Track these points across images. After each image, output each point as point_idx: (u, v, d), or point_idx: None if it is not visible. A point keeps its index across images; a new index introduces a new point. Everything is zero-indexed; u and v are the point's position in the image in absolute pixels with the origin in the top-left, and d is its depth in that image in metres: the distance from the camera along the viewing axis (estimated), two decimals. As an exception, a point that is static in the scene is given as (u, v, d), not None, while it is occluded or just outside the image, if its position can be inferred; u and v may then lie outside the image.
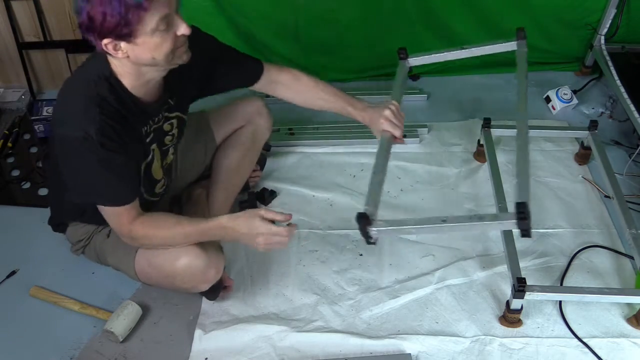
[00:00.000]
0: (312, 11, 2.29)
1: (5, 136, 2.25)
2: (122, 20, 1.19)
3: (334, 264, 1.78)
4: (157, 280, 1.55)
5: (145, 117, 1.42)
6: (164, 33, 1.25)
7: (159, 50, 1.27)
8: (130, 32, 1.22)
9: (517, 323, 1.59)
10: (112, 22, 1.19)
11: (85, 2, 1.19)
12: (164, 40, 1.26)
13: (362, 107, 1.64)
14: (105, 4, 1.18)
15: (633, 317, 1.59)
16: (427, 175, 2.06)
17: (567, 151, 2.14)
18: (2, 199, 2.03)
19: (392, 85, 1.76)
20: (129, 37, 1.23)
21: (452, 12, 2.34)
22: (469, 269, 1.75)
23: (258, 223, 1.39)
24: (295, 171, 2.10)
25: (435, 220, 1.44)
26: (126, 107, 1.34)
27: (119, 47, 1.24)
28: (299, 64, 2.41)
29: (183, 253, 1.45)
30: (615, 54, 2.31)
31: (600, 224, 1.87)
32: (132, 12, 1.19)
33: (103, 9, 1.18)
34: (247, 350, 1.55)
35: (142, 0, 1.19)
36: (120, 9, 1.18)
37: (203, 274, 1.49)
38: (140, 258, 1.52)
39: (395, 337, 1.57)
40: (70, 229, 1.65)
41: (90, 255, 1.66)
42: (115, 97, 1.33)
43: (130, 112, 1.35)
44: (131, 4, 1.18)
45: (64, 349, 1.57)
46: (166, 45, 1.27)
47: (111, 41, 1.23)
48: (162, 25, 1.23)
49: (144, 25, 1.22)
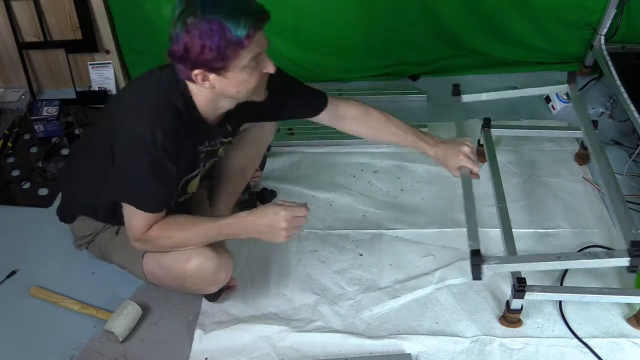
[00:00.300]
0: (312, 11, 2.29)
1: (5, 136, 2.25)
2: (220, 55, 1.23)
3: (334, 264, 1.78)
4: (166, 281, 1.54)
5: (204, 138, 1.45)
6: (252, 70, 1.30)
7: (245, 86, 1.32)
8: (224, 66, 1.25)
9: (517, 323, 1.59)
10: (209, 55, 1.22)
11: (184, 32, 1.21)
12: (251, 76, 1.31)
13: (434, 142, 1.64)
14: (206, 37, 1.20)
15: (633, 317, 1.59)
16: (427, 175, 2.06)
17: (567, 151, 2.14)
18: (2, 199, 2.03)
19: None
20: (221, 71, 1.26)
21: (452, 13, 2.34)
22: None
23: (277, 208, 1.41)
24: (295, 171, 2.10)
25: (550, 257, 1.49)
26: (192, 125, 1.37)
27: (208, 78, 1.28)
28: (299, 64, 2.42)
29: (194, 255, 1.45)
30: (615, 54, 2.31)
31: (600, 224, 1.87)
32: (231, 48, 1.23)
33: (202, 42, 1.21)
34: (247, 350, 1.55)
35: (243, 38, 1.22)
36: (220, 43, 1.21)
37: (214, 276, 1.49)
38: (149, 259, 1.51)
39: (395, 337, 1.57)
40: (78, 222, 1.64)
41: (94, 251, 1.66)
42: (187, 112, 1.35)
43: (194, 130, 1.38)
44: (232, 40, 1.21)
45: (64, 349, 1.57)
46: (252, 81, 1.32)
47: (202, 72, 1.26)
48: (252, 63, 1.28)
49: (238, 61, 1.26)
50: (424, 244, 1.83)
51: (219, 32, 1.21)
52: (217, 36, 1.21)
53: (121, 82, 2.51)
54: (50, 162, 2.16)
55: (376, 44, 2.42)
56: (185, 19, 1.21)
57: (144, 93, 1.37)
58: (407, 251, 1.81)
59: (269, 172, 2.07)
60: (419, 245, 1.83)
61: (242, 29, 1.22)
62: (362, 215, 1.93)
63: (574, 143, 2.16)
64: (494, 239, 1.82)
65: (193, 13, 1.20)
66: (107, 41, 2.40)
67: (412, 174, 2.07)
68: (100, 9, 2.30)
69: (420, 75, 2.54)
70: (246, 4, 1.25)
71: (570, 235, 1.84)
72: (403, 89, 2.46)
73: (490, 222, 1.87)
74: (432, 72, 2.52)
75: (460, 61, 2.51)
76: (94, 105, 2.42)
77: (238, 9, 1.23)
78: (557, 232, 1.85)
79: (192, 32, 1.20)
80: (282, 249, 1.81)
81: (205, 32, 1.20)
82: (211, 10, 1.20)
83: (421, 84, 2.51)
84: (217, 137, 1.49)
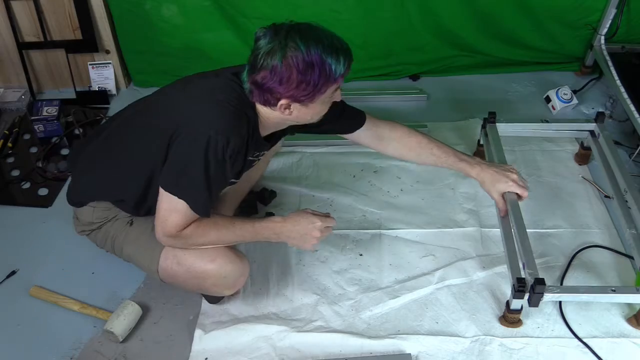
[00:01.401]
0: (312, 11, 2.29)
1: (5, 136, 2.25)
2: (313, 89, 1.26)
3: (334, 264, 1.78)
4: (182, 279, 1.50)
5: (254, 149, 1.46)
6: (329, 100, 1.34)
7: (319, 114, 1.36)
8: (312, 99, 1.28)
9: (517, 323, 1.59)
10: (304, 90, 1.25)
11: (284, 65, 1.22)
12: (327, 106, 1.36)
13: (476, 162, 1.66)
14: (307, 72, 1.23)
15: (633, 317, 1.59)
16: (427, 175, 2.06)
17: (567, 151, 2.14)
18: (2, 199, 2.03)
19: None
20: (307, 102, 1.29)
21: (451, 13, 2.34)
22: (469, 269, 1.75)
23: (313, 218, 1.47)
24: (295, 171, 2.10)
25: (605, 290, 1.53)
26: (253, 138, 1.39)
27: (290, 107, 1.30)
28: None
29: (217, 256, 1.45)
30: (615, 54, 2.32)
31: (600, 224, 1.87)
32: (326, 84, 1.26)
33: (302, 77, 1.23)
34: (247, 350, 1.55)
35: (339, 75, 1.26)
36: (319, 80, 1.24)
37: (234, 279, 1.50)
38: (169, 254, 1.47)
39: (395, 337, 1.57)
40: (88, 208, 1.56)
41: (96, 239, 1.60)
42: (254, 125, 1.38)
43: (252, 143, 1.40)
44: (331, 76, 1.25)
45: (64, 349, 1.57)
46: (325, 109, 1.36)
47: (288, 102, 1.28)
48: (331, 94, 1.32)
49: (325, 94, 1.29)
50: (424, 244, 1.83)
51: (320, 68, 1.23)
52: (317, 72, 1.23)
53: (121, 82, 2.51)
54: (50, 162, 2.16)
55: (376, 44, 2.42)
56: (285, 52, 1.22)
57: (219, 96, 1.35)
58: (407, 251, 1.81)
59: (269, 172, 2.07)
60: (419, 245, 1.83)
61: (341, 66, 1.27)
62: (362, 215, 1.93)
63: (574, 143, 2.16)
64: (494, 239, 1.82)
65: (295, 48, 1.22)
66: (107, 41, 2.40)
67: (412, 174, 2.07)
68: (100, 9, 2.30)
69: (420, 75, 2.54)
70: (339, 41, 1.29)
71: (570, 235, 1.84)
72: (403, 89, 2.46)
73: (490, 222, 1.88)
74: (432, 72, 2.53)
75: (460, 61, 2.51)
76: (94, 105, 2.43)
77: (336, 46, 1.27)
78: (557, 232, 1.85)
79: (292, 65, 1.22)
80: (282, 249, 1.81)
81: (307, 68, 1.23)
82: (314, 46, 1.23)
83: (421, 84, 2.51)
84: (263, 149, 1.51)
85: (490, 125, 1.99)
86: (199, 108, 1.36)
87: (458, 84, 2.51)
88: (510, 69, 2.54)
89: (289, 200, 1.97)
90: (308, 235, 1.47)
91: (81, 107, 2.39)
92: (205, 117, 1.33)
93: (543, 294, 1.46)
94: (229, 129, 1.31)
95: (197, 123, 1.33)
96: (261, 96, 1.31)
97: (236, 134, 1.32)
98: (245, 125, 1.34)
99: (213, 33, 2.31)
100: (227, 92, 1.36)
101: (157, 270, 1.51)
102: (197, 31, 2.31)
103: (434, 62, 2.51)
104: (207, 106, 1.35)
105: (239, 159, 1.38)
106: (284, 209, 1.93)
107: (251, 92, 1.33)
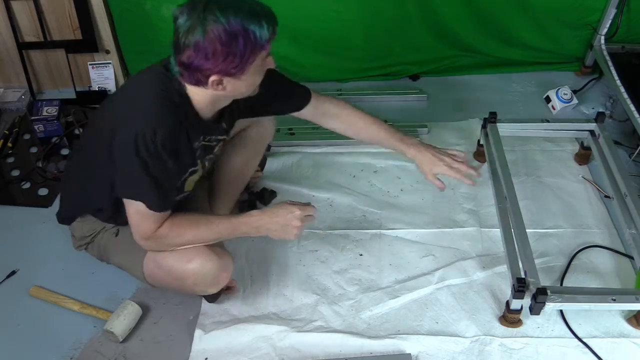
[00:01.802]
0: (312, 11, 2.29)
1: (5, 136, 2.25)
2: (243, 61, 1.22)
3: (334, 264, 1.78)
4: (166, 282, 1.53)
5: (200, 134, 1.43)
6: (261, 69, 1.30)
7: (253, 85, 1.32)
8: (243, 70, 1.25)
9: (517, 323, 1.59)
10: (232, 62, 1.22)
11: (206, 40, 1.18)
12: (260, 75, 1.31)
13: (414, 143, 1.62)
14: (231, 43, 1.19)
15: (633, 317, 1.59)
16: (427, 175, 2.06)
17: (567, 151, 2.14)
18: (2, 199, 2.02)
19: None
20: (238, 74, 1.25)
21: (452, 13, 2.34)
22: (469, 269, 1.75)
23: (291, 207, 1.45)
24: (295, 171, 2.10)
25: (604, 299, 1.51)
26: (190, 122, 1.36)
27: (222, 82, 1.26)
28: (299, 63, 2.42)
29: (195, 255, 1.44)
30: (615, 54, 2.31)
31: (600, 224, 1.87)
32: (254, 52, 1.22)
33: (227, 49, 1.19)
34: (247, 351, 1.55)
35: (265, 40, 1.22)
36: (245, 49, 1.20)
37: (215, 277, 1.48)
38: (149, 260, 1.50)
39: (395, 337, 1.57)
40: (77, 223, 1.62)
41: (93, 252, 1.65)
42: (185, 110, 1.34)
43: (192, 127, 1.37)
44: (257, 44, 1.21)
45: (64, 349, 1.57)
46: (258, 79, 1.32)
47: (219, 78, 1.25)
48: (262, 62, 1.28)
49: (254, 64, 1.25)
50: (424, 244, 1.83)
51: (244, 37, 1.19)
52: (242, 41, 1.19)
53: (121, 82, 2.51)
54: (50, 162, 2.16)
55: (376, 44, 2.42)
56: (205, 26, 1.17)
57: (142, 92, 1.35)
58: (407, 251, 1.81)
59: (269, 172, 2.07)
60: (419, 245, 1.83)
61: (265, 31, 1.22)
62: (362, 215, 1.93)
63: (574, 143, 2.16)
64: (494, 239, 1.82)
65: (214, 21, 1.17)
66: (107, 41, 2.40)
67: (412, 174, 2.07)
68: (100, 9, 2.29)
69: (420, 75, 2.54)
70: (260, 6, 1.24)
71: (570, 235, 1.84)
72: (403, 89, 2.46)
73: (490, 222, 1.88)
74: (432, 72, 2.53)
75: (460, 61, 2.51)
76: (94, 105, 2.42)
77: (256, 11, 1.22)
78: (557, 232, 1.85)
79: (215, 38, 1.18)
80: (282, 249, 1.81)
81: (230, 38, 1.19)
82: (233, 14, 1.18)
83: (421, 84, 2.51)
84: (213, 133, 1.48)
85: (491, 125, 1.99)
86: (124, 108, 1.36)
87: (458, 84, 2.50)
88: (510, 69, 2.54)
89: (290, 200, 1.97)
90: (289, 225, 1.44)
91: (81, 107, 2.39)
92: (130, 116, 1.32)
93: (545, 303, 1.46)
94: (153, 121, 1.28)
95: (124, 124, 1.32)
96: (191, 77, 1.27)
97: (162, 123, 1.29)
98: (171, 113, 1.30)
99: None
100: (151, 85, 1.34)
101: (143, 276, 1.53)
102: (197, 31, 2.31)
103: (434, 62, 2.51)
104: (130, 105, 1.35)
105: (180, 146, 1.35)
106: (284, 209, 1.93)
107: (181, 75, 1.29)
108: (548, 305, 1.47)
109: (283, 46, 2.37)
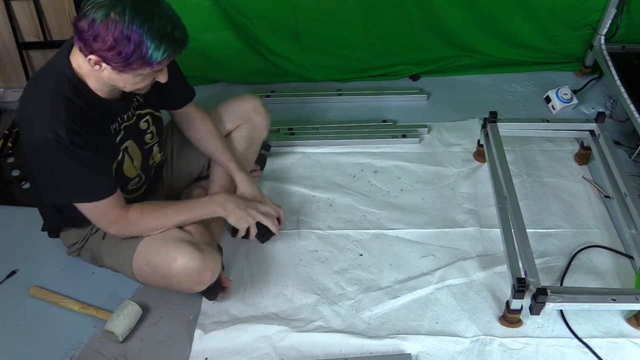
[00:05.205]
0: (312, 11, 2.29)
1: (5, 136, 2.25)
2: (125, 62, 1.22)
3: (334, 264, 1.78)
4: (154, 280, 1.54)
5: (112, 115, 1.43)
6: (146, 77, 1.31)
7: (133, 85, 1.33)
8: (122, 70, 1.25)
9: (517, 323, 1.59)
10: (115, 57, 1.22)
11: (102, 24, 1.18)
12: (142, 81, 1.32)
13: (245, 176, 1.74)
14: (121, 43, 1.19)
15: (633, 317, 1.59)
16: (427, 175, 2.06)
17: (567, 151, 2.14)
18: (2, 199, 2.02)
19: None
20: (119, 70, 1.25)
21: (452, 13, 2.34)
22: (469, 269, 1.75)
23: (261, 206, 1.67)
24: (295, 171, 2.10)
25: (604, 299, 1.50)
26: (91, 107, 1.35)
27: (100, 65, 1.26)
28: (298, 63, 2.42)
29: (180, 254, 1.45)
30: (615, 54, 2.31)
31: (600, 224, 1.87)
32: (139, 63, 1.23)
33: (115, 45, 1.19)
34: (247, 350, 1.55)
35: (156, 62, 1.23)
36: (132, 56, 1.21)
37: (199, 275, 1.48)
38: (139, 257, 1.51)
39: (395, 337, 1.57)
40: (64, 233, 1.66)
41: (86, 257, 1.66)
42: (79, 97, 1.33)
43: (95, 111, 1.36)
44: (145, 59, 1.22)
45: (64, 349, 1.57)
46: (141, 84, 1.34)
47: (98, 60, 1.24)
48: (151, 73, 1.30)
49: (138, 71, 1.27)
50: (424, 244, 1.83)
51: (136, 46, 1.20)
52: (131, 48, 1.20)
53: (121, 82, 2.51)
54: (50, 162, 2.16)
55: (376, 44, 2.42)
56: (109, 14, 1.17)
57: (34, 95, 1.33)
58: (407, 251, 1.81)
59: (269, 172, 2.07)
60: (419, 245, 1.83)
61: (160, 55, 1.23)
62: (362, 215, 1.93)
63: (574, 143, 2.16)
64: (494, 239, 1.82)
65: (120, 14, 1.17)
66: (107, 41, 2.39)
67: (412, 174, 2.07)
68: (100, 9, 2.29)
69: (420, 75, 2.54)
70: (173, 29, 1.23)
71: (570, 235, 1.84)
72: (403, 89, 2.46)
73: (490, 222, 1.88)
74: (432, 72, 2.53)
75: (460, 61, 2.51)
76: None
77: (164, 33, 1.22)
78: (557, 232, 1.85)
79: (110, 29, 1.18)
80: (282, 249, 1.81)
81: (123, 39, 1.19)
82: (139, 22, 1.18)
83: (421, 84, 2.51)
84: (126, 110, 1.47)
85: (491, 124, 1.99)
86: (21, 120, 1.35)
87: (458, 84, 2.50)
88: (510, 69, 2.54)
89: (289, 200, 1.97)
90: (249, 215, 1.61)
91: (81, 107, 2.39)
92: (28, 128, 1.32)
93: (545, 303, 1.46)
94: (50, 124, 1.27)
95: (28, 136, 1.32)
96: (78, 43, 1.25)
97: (58, 124, 1.27)
98: (62, 109, 1.29)
99: (213, 33, 2.31)
100: (38, 87, 1.33)
101: (132, 273, 1.54)
102: (197, 31, 2.30)
103: (434, 62, 2.51)
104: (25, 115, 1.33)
105: (89, 134, 1.32)
106: (285, 209, 1.93)
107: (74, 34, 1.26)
108: (548, 305, 1.47)
109: (283, 46, 2.37)
